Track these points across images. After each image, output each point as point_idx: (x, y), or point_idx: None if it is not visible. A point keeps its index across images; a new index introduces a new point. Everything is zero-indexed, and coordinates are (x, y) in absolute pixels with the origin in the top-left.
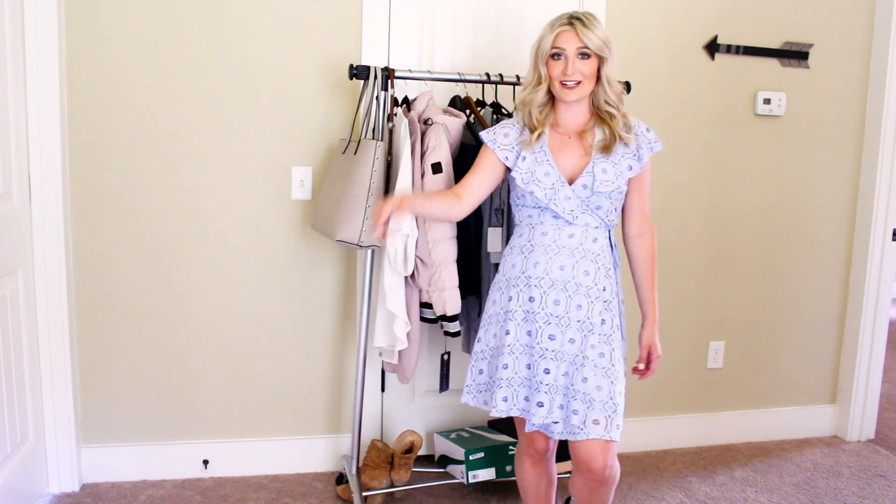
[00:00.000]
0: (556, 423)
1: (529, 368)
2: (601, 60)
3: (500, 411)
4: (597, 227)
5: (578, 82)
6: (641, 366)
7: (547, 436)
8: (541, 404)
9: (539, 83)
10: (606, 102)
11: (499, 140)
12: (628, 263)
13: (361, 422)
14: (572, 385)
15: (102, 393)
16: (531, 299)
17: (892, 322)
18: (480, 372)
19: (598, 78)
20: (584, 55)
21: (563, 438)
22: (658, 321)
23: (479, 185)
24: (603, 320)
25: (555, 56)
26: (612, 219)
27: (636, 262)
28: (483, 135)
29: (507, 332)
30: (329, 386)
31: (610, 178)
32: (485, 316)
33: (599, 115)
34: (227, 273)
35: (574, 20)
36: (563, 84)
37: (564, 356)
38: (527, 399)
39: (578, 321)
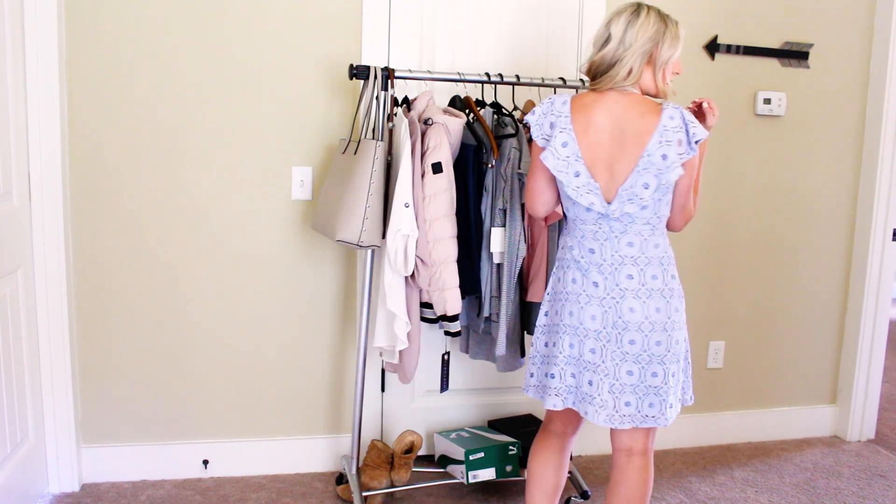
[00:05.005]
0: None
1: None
2: None
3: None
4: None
5: None
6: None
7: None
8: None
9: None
10: None
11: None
12: None
13: (361, 422)
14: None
15: (102, 393)
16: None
17: (892, 322)
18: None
19: None
20: None
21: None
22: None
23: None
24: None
25: None
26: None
27: None
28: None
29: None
30: (329, 386)
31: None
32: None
33: None
34: (226, 273)
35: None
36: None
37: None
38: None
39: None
